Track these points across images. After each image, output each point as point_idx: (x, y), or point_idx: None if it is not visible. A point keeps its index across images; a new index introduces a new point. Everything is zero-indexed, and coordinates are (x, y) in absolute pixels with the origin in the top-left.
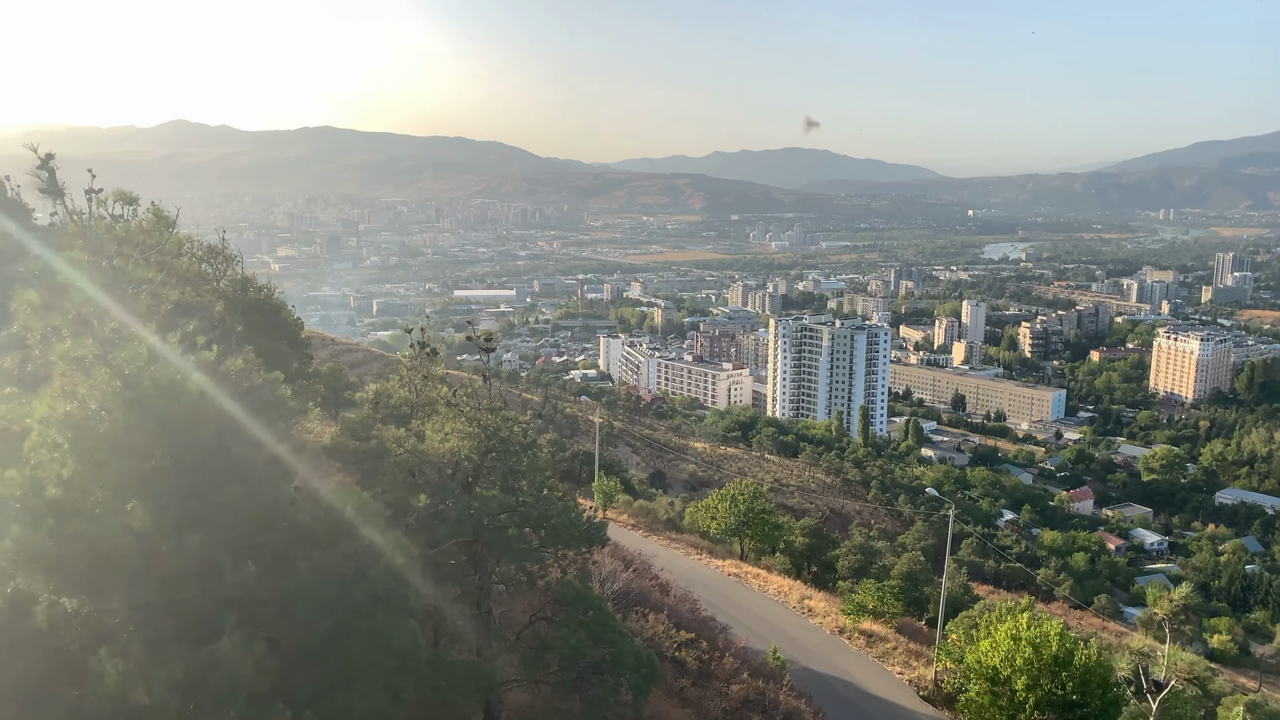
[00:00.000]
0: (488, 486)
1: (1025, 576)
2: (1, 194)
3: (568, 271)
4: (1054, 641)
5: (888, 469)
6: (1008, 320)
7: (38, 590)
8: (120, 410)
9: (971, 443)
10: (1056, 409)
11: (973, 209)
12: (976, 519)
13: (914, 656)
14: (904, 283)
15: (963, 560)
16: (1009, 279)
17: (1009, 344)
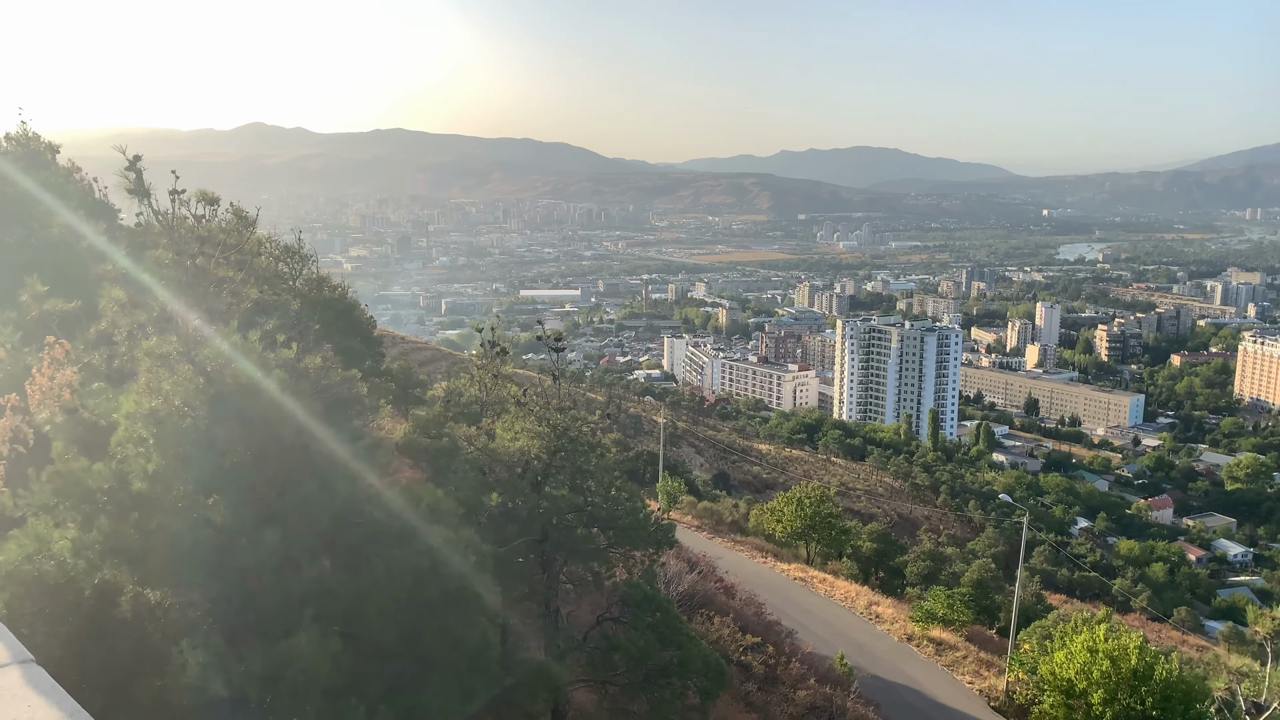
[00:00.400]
0: (557, 486)
1: (1100, 586)
2: (89, 195)
3: (632, 271)
4: (1133, 655)
5: (957, 474)
6: (1083, 323)
7: (123, 581)
8: (203, 406)
9: (1045, 448)
10: (1134, 414)
11: (1048, 208)
12: (1050, 526)
13: (985, 666)
14: (975, 284)
15: (1035, 568)
16: (1085, 280)
17: (1085, 347)
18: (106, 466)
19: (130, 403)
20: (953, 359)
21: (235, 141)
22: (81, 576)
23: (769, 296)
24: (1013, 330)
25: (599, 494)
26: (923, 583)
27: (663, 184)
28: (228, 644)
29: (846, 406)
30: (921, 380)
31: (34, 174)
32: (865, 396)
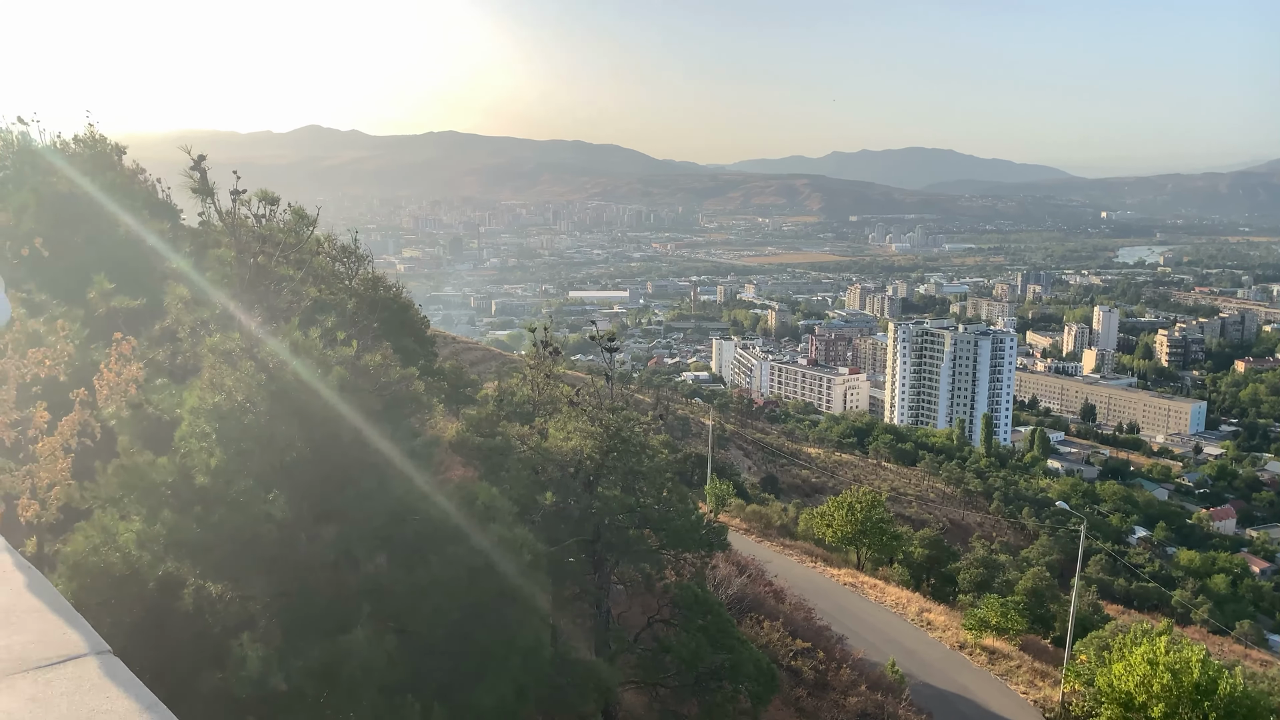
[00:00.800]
0: (609, 486)
1: (1159, 597)
2: (153, 196)
3: (681, 273)
4: (1195, 668)
5: (1011, 480)
6: (1143, 327)
7: (186, 574)
8: (264, 402)
9: (1101, 455)
10: (1195, 422)
11: (1106, 211)
12: (1106, 535)
13: (1039, 676)
14: (1031, 287)
15: (1091, 578)
16: (1145, 284)
17: (1144, 352)
18: (171, 461)
19: (194, 398)
20: (1007, 363)
21: (292, 143)
22: (146, 568)
23: (819, 299)
24: (1069, 335)
25: (651, 495)
26: (975, 590)
27: (712, 185)
28: (286, 638)
29: (898, 410)
30: (975, 385)
31: (101, 175)
32: (917, 401)
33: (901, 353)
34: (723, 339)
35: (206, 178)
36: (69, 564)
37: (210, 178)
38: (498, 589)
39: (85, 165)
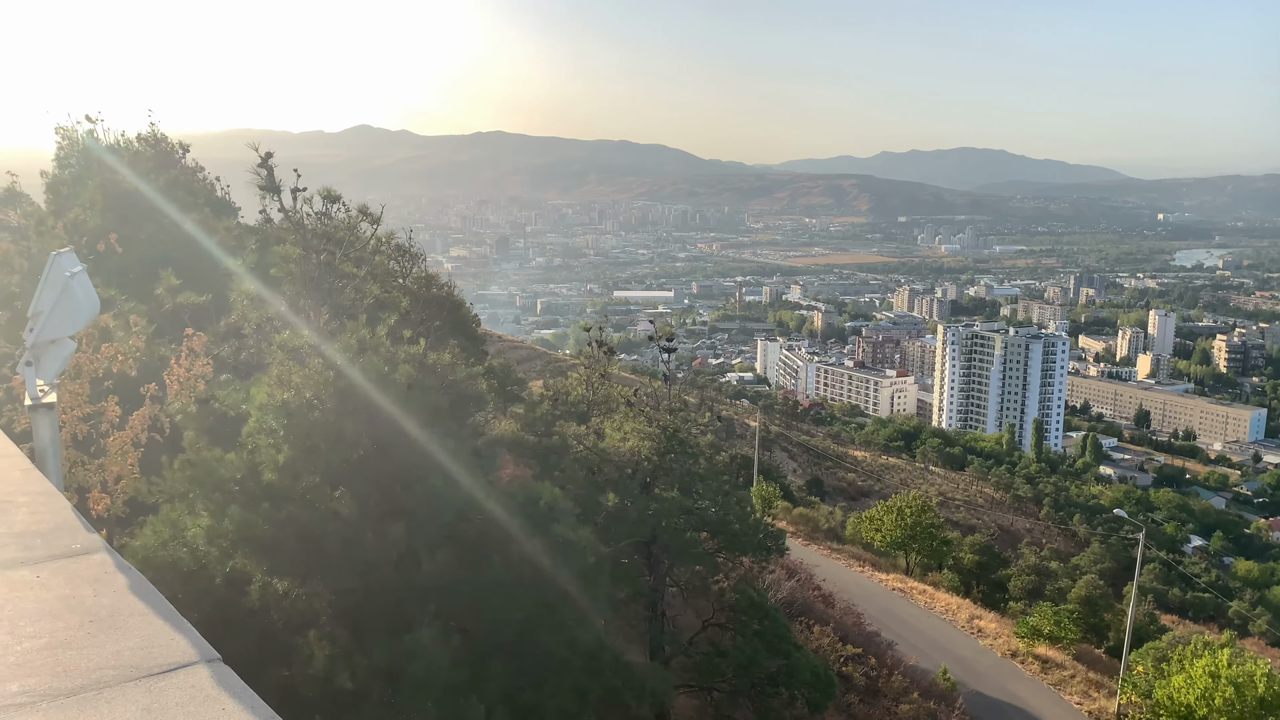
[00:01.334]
0: (666, 488)
1: (1215, 607)
2: (213, 193)
3: (726, 273)
4: (1260, 682)
5: (1062, 486)
6: (1200, 332)
7: (252, 570)
8: (332, 399)
9: (1156, 462)
10: (1255, 429)
11: (1163, 212)
12: (1161, 544)
13: (1094, 686)
14: (1084, 290)
15: (1145, 587)
16: (1203, 288)
17: (1201, 358)
18: (238, 457)
19: (262, 394)
20: (1059, 367)
21: (343, 143)
22: (214, 564)
23: (866, 300)
24: (1123, 339)
25: (709, 498)
26: (1027, 597)
27: (759, 185)
28: (352, 637)
29: (946, 414)
30: (1025, 389)
31: (164, 172)
32: (966, 404)
33: (951, 355)
34: (768, 340)
35: (273, 175)
36: (138, 558)
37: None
38: (561, 591)
39: (149, 163)
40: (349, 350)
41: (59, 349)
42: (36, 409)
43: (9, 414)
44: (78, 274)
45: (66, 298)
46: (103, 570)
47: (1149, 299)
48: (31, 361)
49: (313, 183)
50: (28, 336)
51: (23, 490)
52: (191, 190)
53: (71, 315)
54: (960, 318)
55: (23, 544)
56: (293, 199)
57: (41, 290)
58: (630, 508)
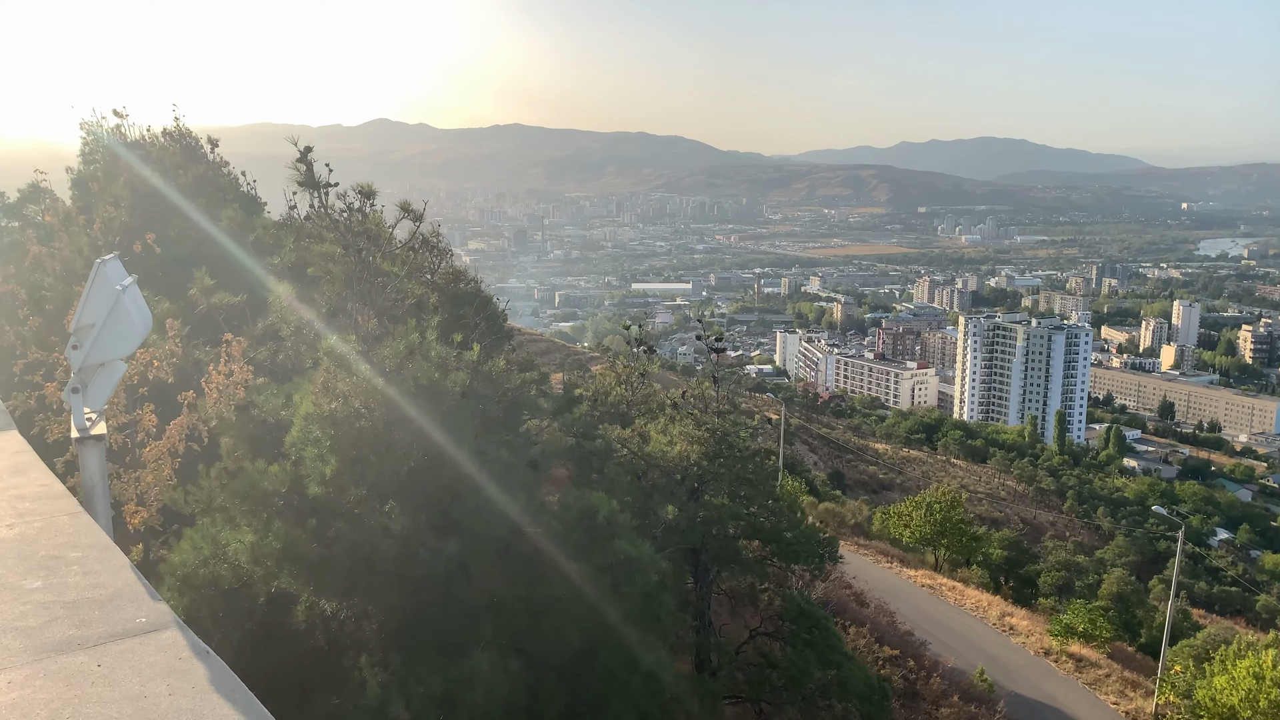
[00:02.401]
0: (715, 494)
1: (1243, 601)
2: (236, 188)
3: (744, 265)
4: None
5: (1085, 479)
6: (1225, 323)
7: (299, 590)
8: (381, 408)
9: (1180, 454)
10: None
11: (1187, 202)
12: (1187, 537)
13: (1129, 686)
14: (1107, 280)
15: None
16: (1228, 278)
17: (1226, 348)
18: (282, 468)
19: (307, 403)
20: (1082, 359)
21: (361, 137)
22: (258, 583)
23: (886, 291)
24: (1147, 330)
25: (760, 505)
26: (1057, 594)
27: (777, 176)
28: (405, 662)
29: (967, 406)
30: (1048, 380)
31: (192, 168)
32: (988, 396)
33: (972, 347)
34: (787, 332)
35: (313, 170)
36: (179, 576)
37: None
38: (624, 610)
39: (176, 158)
40: (398, 356)
41: (109, 372)
42: (84, 441)
43: (41, 423)
44: (129, 287)
45: (118, 315)
46: (176, 656)
47: (1173, 289)
48: (79, 388)
49: (333, 177)
50: (72, 357)
51: (73, 542)
52: (220, 186)
53: (124, 335)
54: (981, 309)
55: (78, 618)
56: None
57: (85, 303)
58: (679, 515)
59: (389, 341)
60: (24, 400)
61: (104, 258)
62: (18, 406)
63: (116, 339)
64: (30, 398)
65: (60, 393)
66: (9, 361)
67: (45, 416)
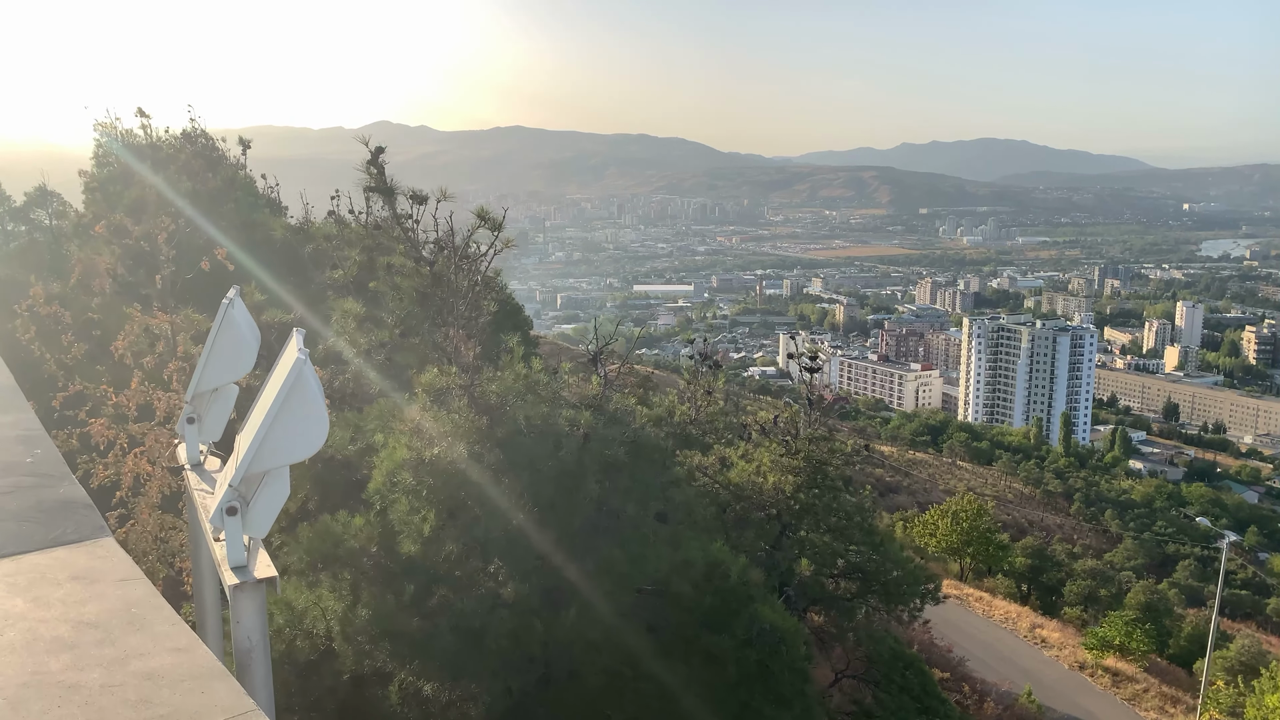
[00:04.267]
0: (812, 529)
1: (1253, 605)
2: (251, 191)
3: (746, 267)
4: None
5: (1092, 481)
6: (1229, 323)
7: (394, 669)
8: (489, 452)
9: (1186, 456)
10: None
11: (1189, 202)
12: (1194, 539)
13: (1169, 702)
14: (1109, 281)
15: (1178, 583)
16: (1230, 279)
17: (1230, 349)
18: (367, 521)
19: (401, 449)
20: (1086, 360)
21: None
22: (346, 660)
23: (888, 293)
24: (1150, 331)
25: (861, 541)
26: (1083, 603)
27: (778, 178)
28: None
29: (972, 408)
30: (1053, 382)
31: (216, 172)
32: (992, 398)
33: (976, 348)
34: (789, 334)
35: (384, 174)
36: None
37: (287, 175)
38: (776, 695)
39: (197, 162)
40: (508, 391)
41: (222, 399)
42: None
43: (85, 465)
44: (234, 299)
45: (228, 332)
46: None
47: (1175, 290)
48: (194, 417)
49: (336, 179)
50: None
51: None
52: (250, 191)
53: (237, 354)
54: (983, 310)
55: None
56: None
57: None
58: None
59: (495, 374)
60: (66, 440)
61: (229, 296)
62: (60, 446)
63: (228, 359)
64: (73, 436)
65: (107, 430)
66: (47, 395)
67: (89, 458)
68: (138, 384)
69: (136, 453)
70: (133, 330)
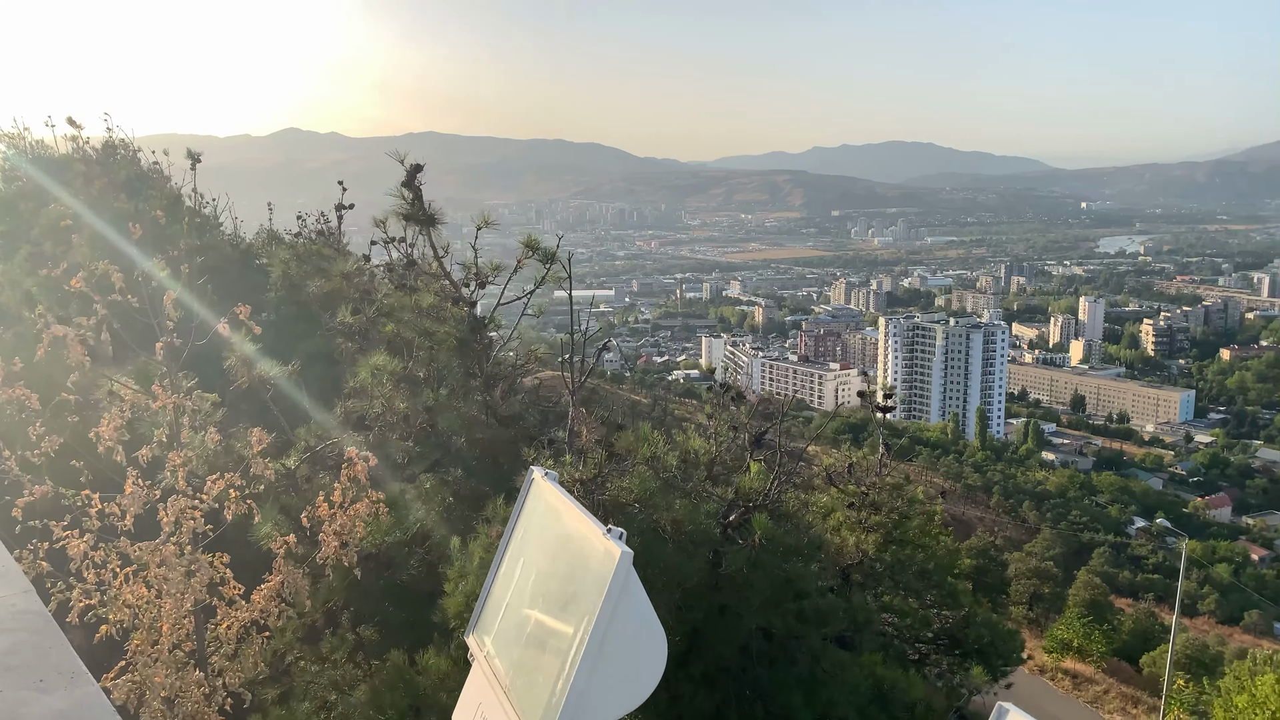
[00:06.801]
0: (889, 589)
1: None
2: (197, 213)
3: (666, 271)
4: None
5: (1009, 474)
6: (1128, 317)
7: None
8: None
9: (1094, 445)
10: (1185, 410)
11: (1086, 201)
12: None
13: (1130, 702)
14: (1015, 279)
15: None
16: (1127, 274)
17: (1130, 342)
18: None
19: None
20: (999, 356)
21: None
22: None
23: (805, 294)
24: (1055, 326)
25: (941, 600)
26: (1028, 603)
27: (695, 182)
28: None
29: None
30: (967, 378)
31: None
32: (910, 395)
33: (893, 347)
34: (711, 336)
35: (422, 199)
36: None
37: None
38: None
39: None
40: (648, 489)
41: None
42: None
43: (58, 595)
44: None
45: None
46: None
47: (1077, 286)
48: None
49: (245, 188)
50: None
51: None
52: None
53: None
54: (897, 309)
55: None
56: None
57: None
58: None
59: (626, 462)
60: (32, 564)
61: (544, 472)
62: (27, 570)
63: (619, 672)
64: (41, 550)
65: (85, 543)
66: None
67: (64, 586)
68: (132, 486)
69: (139, 583)
70: (122, 414)
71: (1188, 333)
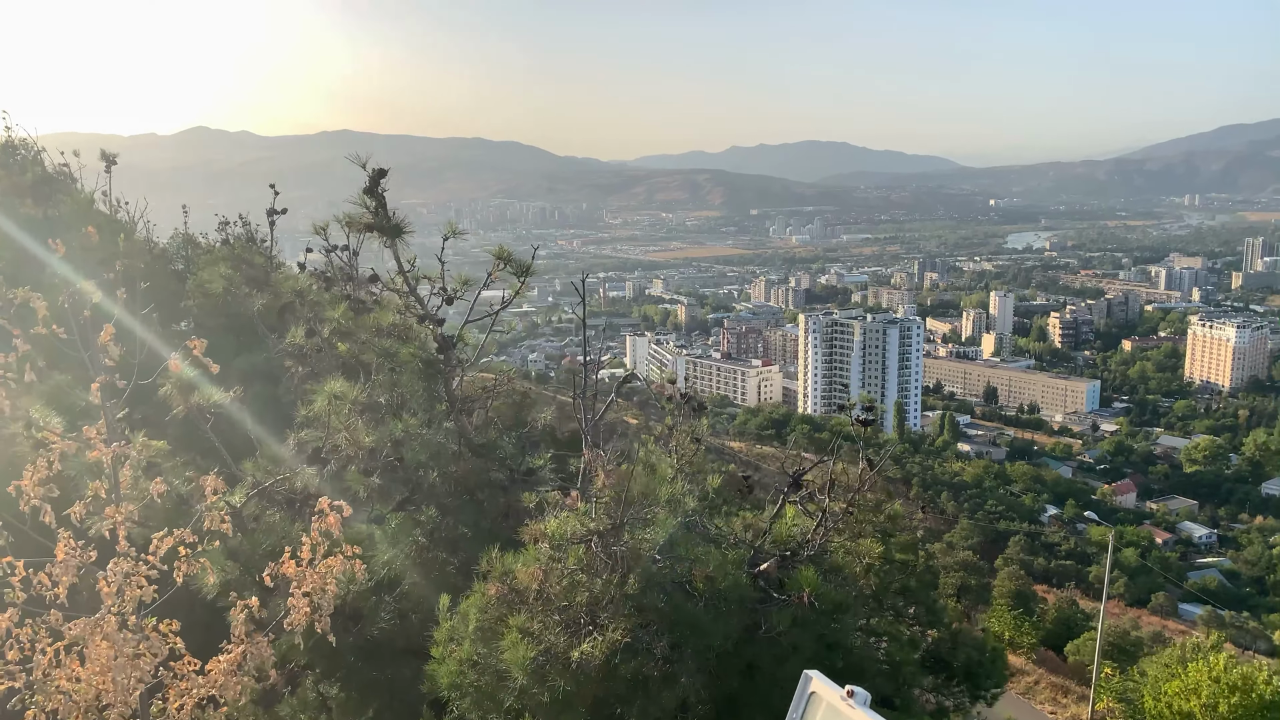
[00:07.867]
0: (876, 613)
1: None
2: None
3: (588, 270)
4: (1263, 686)
5: (927, 465)
6: (1036, 310)
7: None
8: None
9: (1007, 436)
10: (1091, 400)
11: (994, 198)
12: (1021, 515)
13: (1060, 692)
14: (928, 274)
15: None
16: (1034, 269)
17: (1039, 335)
18: None
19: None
20: (915, 350)
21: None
22: None
23: (726, 292)
24: (967, 320)
25: (927, 620)
26: (955, 596)
27: (616, 181)
28: None
29: (811, 400)
30: (885, 372)
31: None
32: (830, 390)
33: (812, 343)
34: (635, 335)
35: (385, 206)
36: None
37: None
38: None
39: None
40: (672, 536)
41: None
42: None
43: None
44: None
45: None
46: None
47: (988, 281)
48: None
49: (149, 188)
50: None
51: None
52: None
53: None
54: (815, 306)
55: None
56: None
57: None
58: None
59: (654, 517)
60: None
61: None
62: None
63: None
64: None
65: (9, 619)
66: None
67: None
68: (65, 550)
69: (74, 659)
70: (49, 465)
71: (1091, 325)
